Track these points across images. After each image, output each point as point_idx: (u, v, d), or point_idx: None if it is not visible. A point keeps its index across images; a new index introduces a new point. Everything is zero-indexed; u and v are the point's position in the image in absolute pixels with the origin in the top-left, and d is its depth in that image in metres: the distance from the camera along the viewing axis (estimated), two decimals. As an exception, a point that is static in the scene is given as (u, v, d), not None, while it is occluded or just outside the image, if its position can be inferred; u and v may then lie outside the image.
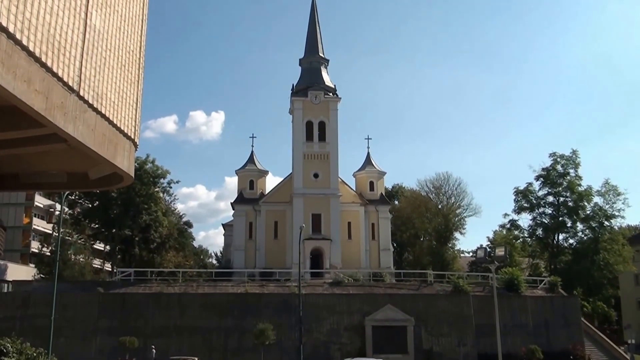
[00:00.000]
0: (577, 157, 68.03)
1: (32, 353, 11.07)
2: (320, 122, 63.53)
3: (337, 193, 61.55)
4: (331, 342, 45.20)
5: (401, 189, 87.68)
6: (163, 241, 65.86)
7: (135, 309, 45.08)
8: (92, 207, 63.02)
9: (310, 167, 62.10)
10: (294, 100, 64.62)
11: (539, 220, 68.98)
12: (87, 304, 45.05)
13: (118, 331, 41.97)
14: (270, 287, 49.41)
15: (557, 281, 53.98)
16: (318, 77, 66.27)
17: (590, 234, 67.34)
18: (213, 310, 45.42)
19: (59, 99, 6.22)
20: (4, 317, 39.52)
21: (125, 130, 8.15)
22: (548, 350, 43.81)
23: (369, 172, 67.26)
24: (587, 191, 67.09)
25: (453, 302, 47.66)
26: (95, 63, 6.99)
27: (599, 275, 65.09)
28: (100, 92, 7.17)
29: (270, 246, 62.92)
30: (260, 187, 66.95)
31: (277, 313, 44.63)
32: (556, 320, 48.33)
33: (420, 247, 75.94)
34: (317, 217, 60.79)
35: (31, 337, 12.10)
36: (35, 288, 47.60)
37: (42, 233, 75.39)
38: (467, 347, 44.62)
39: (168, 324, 44.69)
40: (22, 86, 5.52)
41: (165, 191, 68.58)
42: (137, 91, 8.39)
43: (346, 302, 46.64)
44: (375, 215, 65.19)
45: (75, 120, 6.59)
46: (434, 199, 75.46)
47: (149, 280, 50.04)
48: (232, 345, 44.39)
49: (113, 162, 7.94)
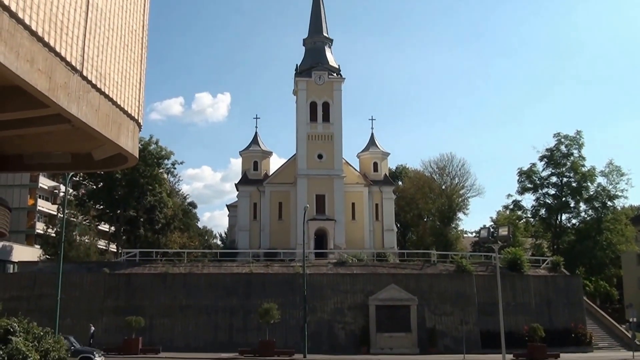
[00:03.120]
0: (581, 138, 67.88)
1: (39, 332, 11.18)
2: (324, 103, 63.33)
3: (341, 174, 61.56)
4: (335, 321, 45.54)
5: (405, 169, 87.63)
6: (168, 222, 66.11)
7: (140, 289, 45.42)
8: (97, 188, 63.20)
9: (314, 148, 62.06)
10: (298, 81, 64.36)
11: (542, 201, 69.00)
12: (93, 285, 45.40)
13: (124, 311, 42.29)
14: (274, 267, 49.69)
15: (560, 261, 54.13)
16: (322, 57, 65.91)
17: (594, 214, 67.33)
18: (218, 290, 45.73)
19: (62, 79, 6.23)
20: (10, 297, 39.84)
21: (129, 110, 8.16)
22: (550, 328, 44.02)
23: (373, 153, 67.17)
24: (591, 171, 66.98)
25: (456, 281, 47.88)
26: (98, 43, 6.98)
27: (602, 255, 65.23)
28: (104, 72, 7.18)
29: (274, 227, 63.12)
30: (264, 168, 67.01)
31: (282, 293, 44.93)
32: (558, 300, 48.52)
33: (423, 228, 76.10)
34: (321, 198, 60.89)
35: (37, 317, 12.22)
36: (41, 269, 48.00)
37: (47, 214, 75.73)
38: (470, 326, 44.90)
39: (173, 304, 45.04)
40: (25, 66, 5.52)
41: (169, 172, 68.74)
42: (140, 71, 8.38)
43: (350, 282, 46.89)
44: (379, 196, 65.24)
45: (78, 100, 6.61)
46: (437, 180, 75.44)
47: (154, 261, 50.38)
48: (237, 325, 44.77)
49: (117, 142, 7.97)
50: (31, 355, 10.29)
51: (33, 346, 10.57)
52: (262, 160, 67.16)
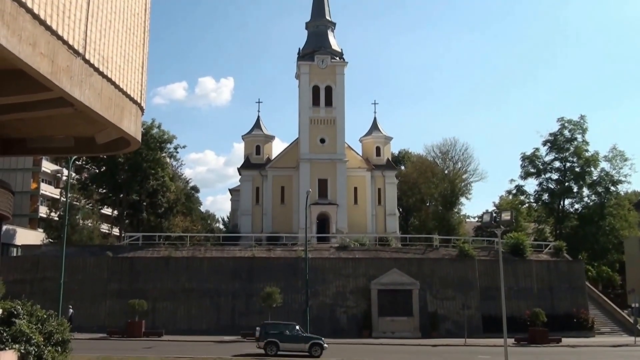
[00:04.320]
0: (585, 123, 67.63)
1: (42, 315, 11.24)
2: (326, 87, 63.07)
3: (343, 158, 61.47)
4: (337, 305, 45.76)
5: (408, 154, 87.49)
6: (170, 206, 66.26)
7: (143, 272, 45.65)
8: (100, 172, 63.26)
9: (316, 132, 61.93)
10: (300, 65, 64.05)
11: (545, 186, 68.90)
12: (96, 268, 45.64)
13: (127, 294, 42.54)
14: (277, 251, 49.82)
15: (562, 246, 54.16)
16: (325, 41, 65.50)
17: (597, 199, 67.29)
18: (221, 273, 45.94)
19: (65, 63, 6.20)
20: (13, 280, 40.01)
21: (132, 94, 8.13)
22: (552, 313, 44.18)
23: (376, 137, 67.00)
24: (594, 156, 66.81)
25: (458, 266, 48.01)
26: (100, 26, 6.94)
27: (604, 240, 65.23)
28: (106, 56, 7.14)
29: (277, 211, 63.19)
30: (266, 152, 66.94)
31: (284, 276, 45.11)
32: (561, 285, 48.63)
33: (426, 212, 76.15)
34: (324, 182, 60.84)
35: (41, 300, 12.31)
36: (44, 252, 48.22)
37: (50, 198, 75.89)
38: (472, 310, 45.08)
39: (176, 288, 45.29)
40: (28, 49, 5.48)
41: (172, 156, 68.74)
42: (142, 55, 8.34)
43: (352, 266, 47.04)
44: (382, 181, 65.18)
45: (81, 83, 6.58)
46: (440, 164, 75.36)
47: (157, 245, 50.52)
48: (239, 308, 45.03)
49: (120, 126, 7.96)
50: (35, 337, 10.36)
51: (37, 328, 10.64)
52: (264, 144, 67.06)
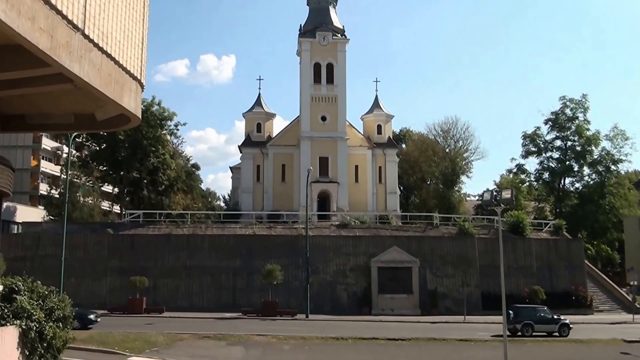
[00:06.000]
0: (587, 102, 67.51)
1: (44, 291, 11.29)
2: (328, 64, 62.68)
3: (344, 136, 61.33)
4: (337, 282, 46.02)
5: (409, 132, 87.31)
6: (171, 183, 66.21)
7: (144, 249, 45.82)
8: (100, 149, 63.13)
9: (317, 110, 61.69)
10: (302, 42, 63.56)
11: (546, 165, 68.94)
12: (97, 245, 45.81)
13: (128, 271, 42.75)
14: (277, 229, 49.95)
15: (562, 224, 54.32)
16: (326, 17, 64.91)
17: (597, 178, 67.39)
18: (222, 251, 46.13)
19: (64, 38, 6.13)
20: (14, 257, 40.11)
21: (131, 70, 8.07)
22: (551, 291, 44.47)
23: (377, 116, 66.77)
24: (595, 135, 66.75)
25: (458, 244, 48.18)
26: (99, 1, 6.86)
27: (604, 219, 65.44)
28: (106, 31, 7.07)
29: (277, 189, 63.23)
30: (267, 130, 66.72)
31: (285, 254, 45.30)
32: (560, 263, 48.87)
33: (426, 191, 76.20)
34: (325, 160, 60.79)
35: (42, 277, 12.34)
36: (45, 229, 48.30)
37: (50, 175, 75.88)
38: (471, 288, 45.33)
39: (177, 265, 45.50)
40: (26, 24, 5.42)
41: (172, 134, 68.52)
42: (142, 30, 8.26)
43: (352, 244, 47.21)
44: (383, 159, 65.11)
45: (80, 59, 6.52)
46: (441, 143, 75.26)
47: (158, 222, 50.64)
48: (240, 285, 45.30)
49: (120, 102, 7.91)
50: (36, 314, 10.42)
51: (38, 304, 10.69)
52: (265, 122, 66.83)
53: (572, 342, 31.55)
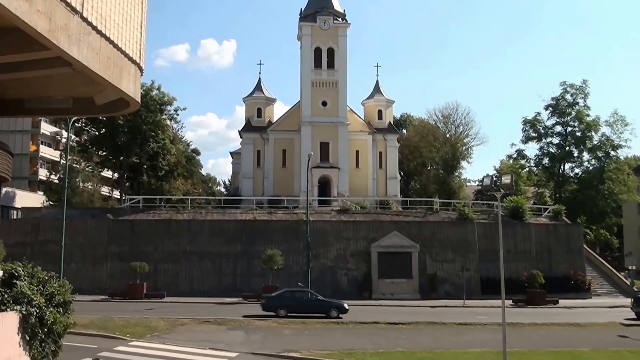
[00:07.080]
0: (587, 87, 67.39)
1: (44, 277, 11.28)
2: (329, 49, 62.39)
3: (345, 121, 61.20)
4: (338, 267, 46.14)
5: (410, 117, 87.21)
6: (171, 169, 66.17)
7: (144, 235, 45.87)
8: (99, 134, 63.02)
9: (318, 95, 61.49)
10: (302, 26, 63.18)
11: (546, 150, 68.96)
12: (97, 230, 45.85)
13: (128, 256, 42.83)
14: (278, 214, 49.97)
15: (561, 209, 54.41)
16: (327, 1, 64.43)
17: (597, 163, 67.44)
18: (222, 236, 46.19)
19: (63, 21, 6.07)
20: (14, 243, 40.01)
21: (130, 53, 8.01)
22: (550, 275, 44.58)
23: (378, 101, 66.59)
24: (595, 121, 66.68)
25: (458, 229, 48.26)
26: (97, -17, 6.79)
27: (603, 204, 65.54)
28: (104, 14, 7.00)
29: (278, 174, 63.22)
30: (268, 115, 66.57)
31: (285, 239, 45.36)
32: (559, 247, 48.99)
33: (427, 176, 76.27)
34: (325, 146, 60.71)
35: (42, 262, 12.32)
36: (45, 215, 48.17)
37: (50, 160, 75.71)
38: (471, 272, 45.48)
39: (177, 250, 45.58)
40: (24, 6, 5.36)
41: (172, 118, 68.36)
42: (141, 13, 8.19)
43: (353, 229, 47.27)
44: (383, 144, 65.05)
45: (79, 42, 6.46)
46: (442, 128, 75.22)
47: (158, 208, 50.63)
48: (241, 270, 45.39)
49: (119, 86, 7.86)
50: (36, 299, 10.42)
51: (38, 290, 10.69)
52: (265, 107, 66.66)
53: (570, 326, 31.72)
